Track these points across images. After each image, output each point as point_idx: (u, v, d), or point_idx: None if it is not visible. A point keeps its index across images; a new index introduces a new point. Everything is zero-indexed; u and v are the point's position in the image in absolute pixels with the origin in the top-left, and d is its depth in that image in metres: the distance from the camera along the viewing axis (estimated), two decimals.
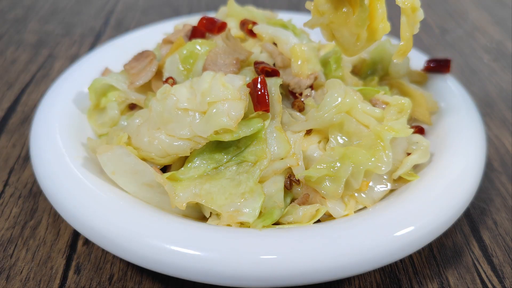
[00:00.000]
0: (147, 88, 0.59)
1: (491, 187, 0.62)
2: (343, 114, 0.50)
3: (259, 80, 0.49)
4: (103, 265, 0.50)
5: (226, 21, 0.61)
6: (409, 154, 0.53)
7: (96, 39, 1.00)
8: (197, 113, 0.48)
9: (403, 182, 0.52)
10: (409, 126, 0.53)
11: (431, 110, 0.62)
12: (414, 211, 0.46)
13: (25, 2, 1.16)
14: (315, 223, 0.47)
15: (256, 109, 0.49)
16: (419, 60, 0.70)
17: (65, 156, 0.51)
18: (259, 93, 0.49)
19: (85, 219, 0.44)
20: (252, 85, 0.49)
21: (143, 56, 0.61)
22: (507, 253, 0.53)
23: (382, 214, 0.46)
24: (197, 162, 0.49)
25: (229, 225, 0.45)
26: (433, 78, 0.67)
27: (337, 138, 0.51)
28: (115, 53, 0.71)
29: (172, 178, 0.48)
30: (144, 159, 0.49)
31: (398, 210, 0.46)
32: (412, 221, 0.44)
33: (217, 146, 0.49)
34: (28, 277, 0.48)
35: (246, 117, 0.49)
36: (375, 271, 0.50)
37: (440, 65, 0.67)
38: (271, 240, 0.43)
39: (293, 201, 0.50)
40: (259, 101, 0.49)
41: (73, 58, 0.91)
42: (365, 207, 0.50)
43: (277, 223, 0.48)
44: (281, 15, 0.77)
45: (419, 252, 0.52)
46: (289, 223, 0.48)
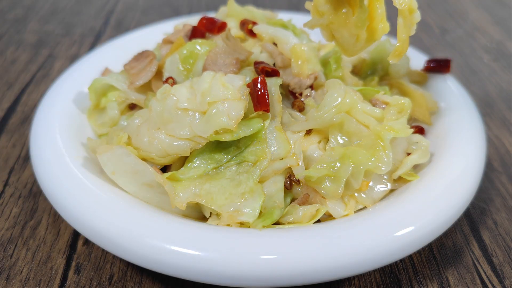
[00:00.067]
0: (147, 88, 0.59)
1: (491, 187, 0.62)
2: (343, 114, 0.50)
3: (259, 80, 0.49)
4: (103, 265, 0.50)
5: (226, 21, 0.61)
6: (409, 154, 0.53)
7: (96, 39, 1.00)
8: (197, 113, 0.48)
9: (403, 182, 0.52)
10: (409, 126, 0.53)
11: (431, 110, 0.62)
12: (414, 211, 0.46)
13: (25, 2, 1.16)
14: (315, 223, 0.47)
15: (256, 109, 0.49)
16: (419, 60, 0.70)
17: (65, 156, 0.51)
18: (259, 93, 0.49)
19: (85, 219, 0.45)
20: (252, 85, 0.49)
21: (143, 56, 0.61)
22: (507, 253, 0.53)
23: (382, 214, 0.46)
24: (197, 162, 0.49)
25: (229, 225, 0.45)
26: (433, 78, 0.67)
27: (337, 138, 0.51)
28: (115, 53, 0.71)
29: (172, 178, 0.48)
30: (144, 159, 0.49)
31: (398, 210, 0.46)
32: (412, 221, 0.44)
33: (217, 146, 0.49)
34: (28, 277, 0.48)
35: (246, 117, 0.49)
36: (375, 271, 0.50)
37: (440, 65, 0.67)
38: (271, 240, 0.43)
39: (293, 201, 0.50)
40: (259, 101, 0.49)
41: (73, 58, 0.91)
42: (365, 207, 0.50)
43: (277, 223, 0.48)
44: (281, 15, 0.77)
45: (419, 252, 0.52)
46: (289, 223, 0.48)
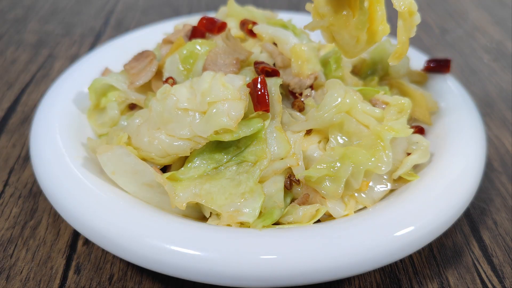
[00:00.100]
0: (147, 88, 0.59)
1: (491, 187, 0.62)
2: (343, 114, 0.50)
3: (259, 80, 0.49)
4: (103, 265, 0.50)
5: (226, 21, 0.61)
6: (409, 154, 0.53)
7: (96, 39, 1.00)
8: (197, 113, 0.48)
9: (403, 182, 0.52)
10: (409, 126, 0.53)
11: (431, 110, 0.62)
12: (414, 211, 0.46)
13: (25, 2, 1.16)
14: (315, 223, 0.47)
15: (256, 109, 0.49)
16: (419, 60, 0.70)
17: (65, 156, 0.51)
18: (259, 93, 0.49)
19: (85, 219, 0.45)
20: (252, 85, 0.49)
21: (143, 56, 0.61)
22: (507, 253, 0.53)
23: (382, 214, 0.46)
24: (197, 162, 0.49)
25: (229, 225, 0.45)
26: (433, 78, 0.67)
27: (337, 138, 0.51)
28: (115, 53, 0.71)
29: (172, 178, 0.48)
30: (144, 159, 0.49)
31: (398, 210, 0.46)
32: (412, 221, 0.44)
33: (217, 146, 0.49)
34: (28, 277, 0.48)
35: (246, 117, 0.49)
36: (375, 271, 0.50)
37: (440, 65, 0.67)
38: (271, 240, 0.43)
39: (293, 201, 0.50)
40: (259, 101, 0.49)
41: (73, 58, 0.91)
42: (365, 207, 0.50)
43: (277, 223, 0.48)
44: (281, 15, 0.77)
45: (419, 252, 0.52)
46: (289, 223, 0.48)
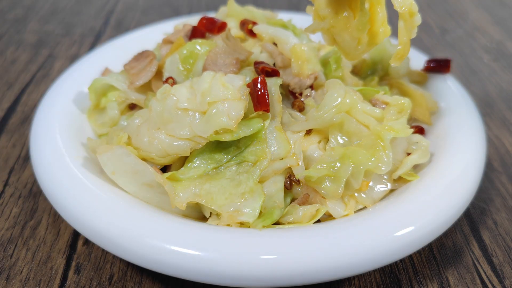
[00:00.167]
0: (147, 88, 0.59)
1: (491, 187, 0.62)
2: (343, 114, 0.50)
3: (259, 80, 0.49)
4: (103, 265, 0.50)
5: (226, 21, 0.61)
6: (409, 154, 0.53)
7: (96, 39, 1.00)
8: (197, 113, 0.48)
9: (403, 182, 0.52)
10: (409, 126, 0.53)
11: (431, 110, 0.62)
12: (414, 211, 0.46)
13: (25, 2, 1.16)
14: (315, 223, 0.47)
15: (256, 109, 0.49)
16: (419, 60, 0.70)
17: (65, 156, 0.51)
18: (259, 93, 0.49)
19: (85, 219, 0.45)
20: (252, 85, 0.49)
21: (143, 56, 0.61)
22: (507, 253, 0.53)
23: (382, 214, 0.46)
24: (197, 162, 0.49)
25: (229, 225, 0.45)
26: (433, 78, 0.67)
27: (337, 138, 0.51)
28: (115, 53, 0.71)
29: (172, 178, 0.48)
30: (144, 159, 0.49)
31: (398, 210, 0.46)
32: (412, 221, 0.44)
33: (217, 146, 0.49)
34: (28, 277, 0.48)
35: (246, 117, 0.49)
36: (375, 271, 0.50)
37: (440, 65, 0.67)
38: (271, 240, 0.43)
39: (293, 201, 0.50)
40: (259, 101, 0.49)
41: (73, 58, 0.91)
42: (365, 207, 0.50)
43: (277, 223, 0.48)
44: (281, 15, 0.77)
45: (419, 252, 0.52)
46: (289, 223, 0.48)
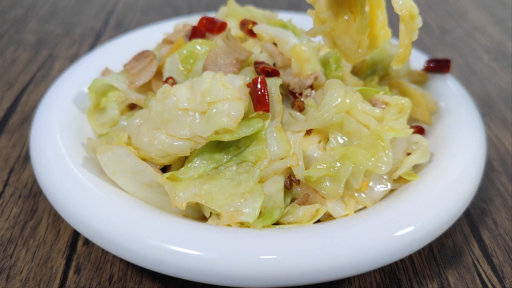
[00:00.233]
0: (147, 88, 0.59)
1: (491, 187, 0.62)
2: (343, 114, 0.50)
3: (259, 80, 0.49)
4: (103, 265, 0.50)
5: (226, 21, 0.61)
6: (409, 154, 0.53)
7: (96, 39, 1.00)
8: (197, 113, 0.48)
9: (403, 182, 0.52)
10: (409, 126, 0.53)
11: (431, 110, 0.62)
12: (414, 211, 0.46)
13: (25, 2, 1.16)
14: (315, 223, 0.47)
15: (256, 109, 0.49)
16: (419, 60, 0.70)
17: (65, 156, 0.51)
18: (259, 93, 0.49)
19: (85, 219, 0.45)
20: (252, 85, 0.49)
21: (143, 56, 0.61)
22: (507, 253, 0.53)
23: (382, 214, 0.46)
24: (197, 162, 0.49)
25: (229, 225, 0.45)
26: (433, 78, 0.67)
27: (337, 138, 0.51)
28: (115, 53, 0.71)
29: (172, 178, 0.48)
30: (144, 159, 0.49)
31: (398, 210, 0.46)
32: (412, 221, 0.44)
33: (217, 146, 0.49)
34: (28, 277, 0.48)
35: (246, 117, 0.49)
36: (375, 271, 0.50)
37: (440, 65, 0.67)
38: (271, 240, 0.43)
39: (293, 201, 0.50)
40: (259, 101, 0.49)
41: (73, 58, 0.91)
42: (365, 207, 0.50)
43: (277, 223, 0.48)
44: (281, 15, 0.77)
45: (419, 252, 0.52)
46: (289, 223, 0.48)
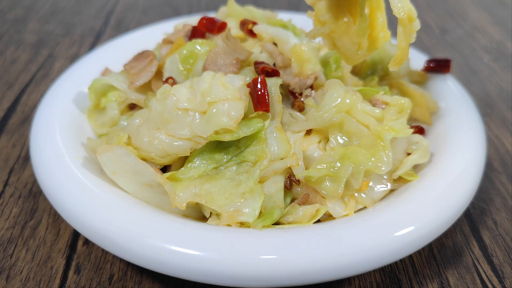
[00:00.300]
0: (147, 88, 0.59)
1: (491, 187, 0.62)
2: (343, 114, 0.50)
3: (259, 80, 0.49)
4: (103, 265, 0.50)
5: (226, 21, 0.61)
6: (409, 154, 0.53)
7: (96, 39, 1.00)
8: (197, 113, 0.48)
9: (403, 182, 0.52)
10: (409, 126, 0.53)
11: (431, 110, 0.62)
12: (414, 211, 0.46)
13: (25, 2, 1.16)
14: (315, 223, 0.47)
15: (256, 109, 0.49)
16: (419, 60, 0.70)
17: (65, 156, 0.51)
18: (259, 93, 0.49)
19: (85, 219, 0.45)
20: (252, 85, 0.49)
21: (143, 56, 0.61)
22: (507, 253, 0.53)
23: (382, 214, 0.46)
24: (197, 162, 0.49)
25: (229, 225, 0.45)
26: (433, 78, 0.67)
27: (337, 138, 0.51)
28: (115, 53, 0.71)
29: (172, 178, 0.48)
30: (144, 159, 0.49)
31: (398, 210, 0.46)
32: (412, 221, 0.44)
33: (217, 146, 0.49)
34: (28, 277, 0.48)
35: (246, 117, 0.49)
36: (375, 271, 0.50)
37: (440, 65, 0.67)
38: (271, 240, 0.43)
39: (293, 201, 0.50)
40: (259, 101, 0.49)
41: (73, 58, 0.91)
42: (365, 207, 0.50)
43: (277, 223, 0.48)
44: (281, 15, 0.77)
45: (419, 252, 0.52)
46: (289, 223, 0.48)
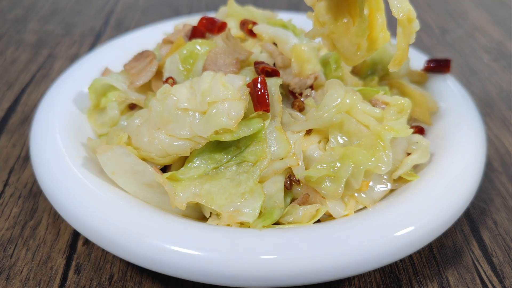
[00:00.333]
0: (147, 88, 0.59)
1: (491, 187, 0.62)
2: (343, 114, 0.50)
3: (259, 80, 0.49)
4: (103, 265, 0.50)
5: (226, 21, 0.61)
6: (409, 154, 0.53)
7: (96, 39, 1.00)
8: (197, 113, 0.48)
9: (403, 182, 0.52)
10: (409, 126, 0.53)
11: (431, 110, 0.62)
12: (414, 211, 0.46)
13: (25, 2, 1.16)
14: (315, 223, 0.47)
15: (256, 109, 0.49)
16: (419, 60, 0.70)
17: (65, 156, 0.51)
18: (259, 93, 0.49)
19: (85, 219, 0.45)
20: (252, 85, 0.49)
21: (143, 56, 0.61)
22: (507, 253, 0.53)
23: (382, 214, 0.46)
24: (197, 162, 0.49)
25: (229, 225, 0.45)
26: (433, 78, 0.67)
27: (337, 138, 0.51)
28: (115, 53, 0.71)
29: (172, 178, 0.48)
30: (144, 159, 0.49)
31: (398, 210, 0.46)
32: (412, 221, 0.44)
33: (217, 146, 0.49)
34: (28, 277, 0.48)
35: (246, 117, 0.49)
36: (375, 271, 0.50)
37: (440, 65, 0.67)
38: (271, 240, 0.43)
39: (293, 201, 0.50)
40: (259, 101, 0.49)
41: (73, 58, 0.91)
42: (365, 207, 0.50)
43: (277, 223, 0.48)
44: (281, 15, 0.77)
45: (419, 252, 0.52)
46: (289, 223, 0.48)
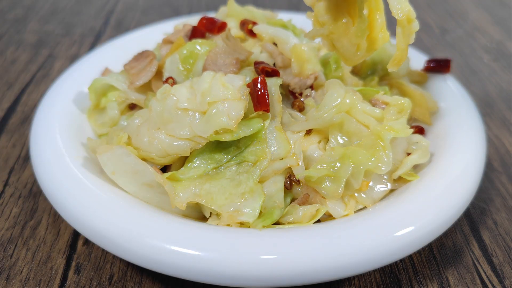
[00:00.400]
0: (147, 88, 0.59)
1: (491, 187, 0.62)
2: (343, 114, 0.50)
3: (259, 80, 0.49)
4: (103, 265, 0.50)
5: (226, 21, 0.61)
6: (409, 154, 0.53)
7: (96, 39, 1.00)
8: (197, 113, 0.48)
9: (403, 182, 0.52)
10: (409, 126, 0.53)
11: (431, 110, 0.62)
12: (414, 211, 0.46)
13: (25, 2, 1.16)
14: (315, 223, 0.47)
15: (256, 109, 0.49)
16: (419, 60, 0.70)
17: (65, 156, 0.51)
18: (259, 93, 0.49)
19: (85, 219, 0.45)
20: (252, 85, 0.49)
21: (143, 56, 0.61)
22: (507, 253, 0.53)
23: (382, 214, 0.46)
24: (197, 162, 0.49)
25: (229, 225, 0.45)
26: (433, 78, 0.67)
27: (337, 138, 0.51)
28: (115, 53, 0.71)
29: (172, 178, 0.48)
30: (144, 159, 0.49)
31: (398, 210, 0.46)
32: (412, 221, 0.44)
33: (217, 146, 0.49)
34: (28, 277, 0.48)
35: (246, 117, 0.49)
36: (375, 271, 0.50)
37: (440, 65, 0.67)
38: (271, 240, 0.43)
39: (293, 201, 0.50)
40: (259, 101, 0.49)
41: (73, 58, 0.91)
42: (365, 207, 0.50)
43: (277, 223, 0.48)
44: (281, 15, 0.77)
45: (419, 252, 0.52)
46: (289, 223, 0.48)
